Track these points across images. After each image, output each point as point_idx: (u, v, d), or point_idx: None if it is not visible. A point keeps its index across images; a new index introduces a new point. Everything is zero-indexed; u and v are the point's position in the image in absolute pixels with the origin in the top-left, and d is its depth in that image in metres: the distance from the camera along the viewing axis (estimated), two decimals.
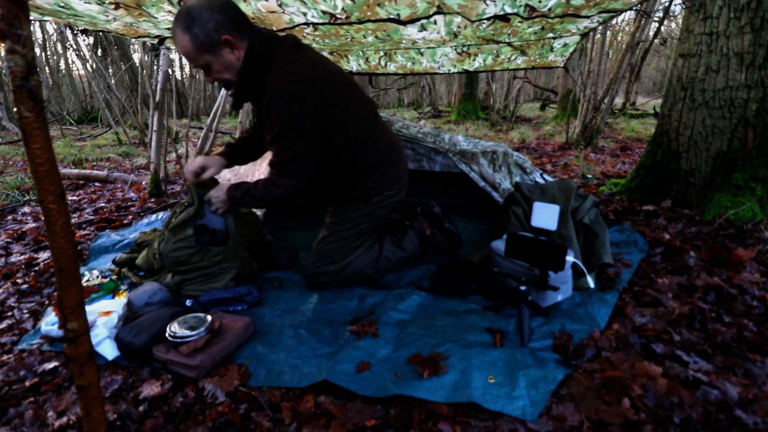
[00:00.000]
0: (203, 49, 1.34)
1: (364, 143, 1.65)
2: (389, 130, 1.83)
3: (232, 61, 1.40)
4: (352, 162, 1.65)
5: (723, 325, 1.40)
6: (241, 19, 1.40)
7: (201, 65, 1.40)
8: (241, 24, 1.39)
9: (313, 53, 1.52)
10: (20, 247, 2.47)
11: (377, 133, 1.71)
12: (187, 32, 1.31)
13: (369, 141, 1.67)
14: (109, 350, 1.39)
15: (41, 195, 0.67)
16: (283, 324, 1.53)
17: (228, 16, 1.35)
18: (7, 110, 9.97)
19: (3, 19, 0.58)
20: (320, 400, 1.16)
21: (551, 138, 6.73)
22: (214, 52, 1.36)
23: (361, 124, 1.62)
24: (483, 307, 1.60)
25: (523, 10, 1.80)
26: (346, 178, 1.68)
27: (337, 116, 1.52)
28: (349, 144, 1.60)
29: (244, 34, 1.40)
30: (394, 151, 1.79)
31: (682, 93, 2.59)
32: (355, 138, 1.61)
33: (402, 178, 1.80)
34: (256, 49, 1.42)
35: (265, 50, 1.43)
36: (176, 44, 1.35)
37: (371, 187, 1.72)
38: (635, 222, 2.41)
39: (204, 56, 1.36)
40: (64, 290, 0.71)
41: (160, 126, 3.60)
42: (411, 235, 1.94)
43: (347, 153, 1.62)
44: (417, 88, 16.05)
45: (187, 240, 1.66)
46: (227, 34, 1.34)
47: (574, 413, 1.06)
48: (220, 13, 1.33)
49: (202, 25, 1.30)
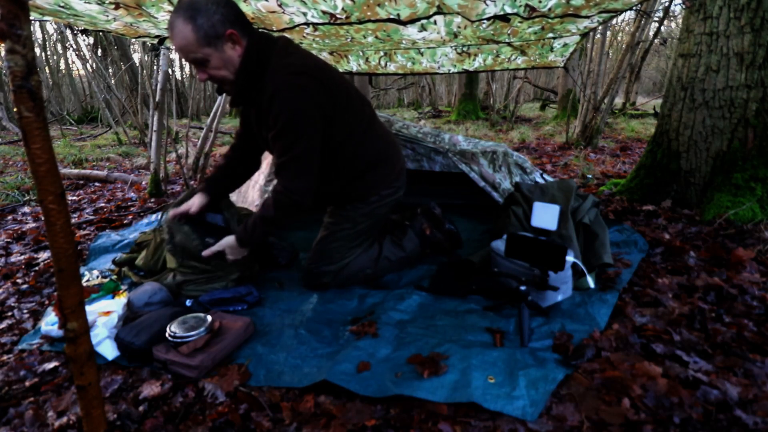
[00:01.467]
0: (205, 41, 1.30)
1: (361, 141, 1.64)
2: (385, 128, 1.83)
3: (232, 57, 1.38)
4: (352, 161, 1.65)
5: (723, 325, 1.40)
6: (243, 16, 1.40)
7: (198, 59, 1.34)
8: (243, 21, 1.38)
9: (304, 50, 1.52)
10: (20, 247, 2.47)
11: (374, 132, 1.71)
12: (191, 22, 1.27)
13: (367, 139, 1.67)
14: (109, 350, 1.39)
15: (41, 195, 0.67)
16: (283, 324, 1.53)
17: (233, 12, 1.34)
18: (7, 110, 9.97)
19: (3, 19, 0.58)
20: (320, 400, 1.16)
21: (551, 138, 6.73)
22: (216, 45, 1.32)
23: (358, 119, 1.62)
24: (483, 307, 1.60)
25: (523, 10, 1.80)
26: (346, 178, 1.68)
27: (337, 109, 1.50)
28: (348, 140, 1.59)
29: (245, 32, 1.39)
30: (391, 150, 1.79)
31: (682, 93, 2.59)
32: (354, 134, 1.60)
33: (399, 177, 1.80)
34: (255, 47, 1.40)
35: (263, 48, 1.42)
36: (173, 35, 1.29)
37: (370, 186, 1.72)
38: (635, 222, 2.41)
39: (204, 49, 1.31)
40: (64, 290, 0.71)
41: (160, 126, 3.60)
42: (411, 235, 1.94)
43: (347, 150, 1.61)
44: (417, 88, 16.06)
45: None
46: (232, 29, 1.33)
47: (574, 413, 1.06)
48: (226, 6, 1.32)
49: (208, 17, 1.27)
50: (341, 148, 1.60)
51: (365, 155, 1.67)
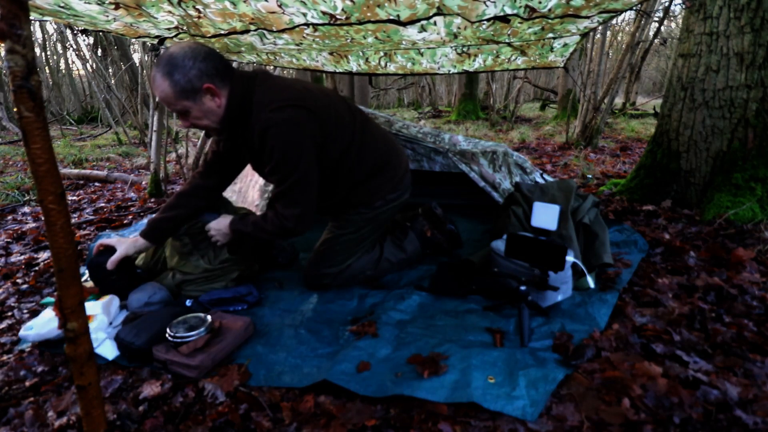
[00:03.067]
0: (183, 96, 1.35)
1: (358, 152, 1.63)
2: (383, 131, 1.81)
3: (212, 108, 1.41)
4: (351, 174, 1.64)
5: (723, 325, 1.40)
6: (224, 66, 1.40)
7: (178, 110, 1.39)
8: (223, 72, 1.39)
9: (282, 80, 1.51)
10: (20, 247, 2.47)
11: (371, 138, 1.69)
12: (168, 78, 1.32)
13: (363, 149, 1.65)
14: (109, 350, 1.39)
15: (41, 195, 0.67)
16: (283, 324, 1.53)
17: (212, 66, 1.36)
18: (7, 110, 9.96)
19: (3, 19, 0.58)
20: (320, 400, 1.16)
21: (551, 138, 6.73)
22: (195, 98, 1.36)
23: (351, 132, 1.61)
24: (483, 307, 1.60)
25: (523, 11, 1.80)
26: (347, 187, 1.67)
27: (328, 129, 1.51)
28: (345, 156, 1.59)
29: (225, 81, 1.40)
30: (392, 153, 1.78)
31: (682, 93, 2.59)
32: (349, 148, 1.60)
33: (403, 180, 1.79)
34: (237, 91, 1.42)
35: (245, 91, 1.43)
36: (154, 88, 1.36)
37: (373, 192, 1.71)
38: (635, 222, 2.41)
39: (182, 102, 1.36)
40: (64, 290, 0.71)
41: (160, 126, 3.60)
42: (412, 236, 1.94)
43: (344, 166, 1.61)
44: (417, 88, 16.06)
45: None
46: (209, 83, 1.36)
47: (574, 413, 1.06)
48: (204, 61, 1.34)
49: (185, 72, 1.32)
50: (338, 165, 1.60)
51: (365, 164, 1.66)
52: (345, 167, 1.61)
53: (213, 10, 1.89)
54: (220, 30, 2.15)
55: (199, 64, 1.33)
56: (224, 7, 1.86)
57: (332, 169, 1.58)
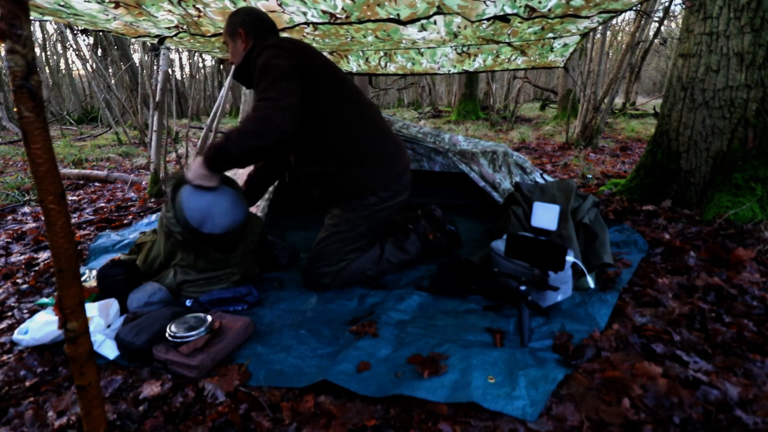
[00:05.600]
0: (228, 33, 1.75)
1: (353, 126, 1.69)
2: (387, 127, 1.83)
3: (239, 50, 1.73)
4: (343, 144, 1.68)
5: (723, 325, 1.40)
6: (262, 26, 1.72)
7: (224, 42, 1.85)
8: (258, 29, 1.71)
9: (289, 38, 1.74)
10: (20, 247, 2.47)
11: (372, 124, 1.75)
12: (229, 17, 1.73)
13: (360, 126, 1.71)
14: (110, 350, 1.39)
15: (41, 195, 0.67)
16: (283, 324, 1.53)
17: (252, 20, 1.71)
18: (7, 110, 9.96)
19: (3, 19, 0.58)
20: (320, 400, 1.16)
21: (551, 138, 6.73)
22: (233, 37, 1.74)
23: (350, 101, 1.71)
24: (483, 307, 1.60)
25: (523, 10, 1.80)
26: (337, 158, 1.68)
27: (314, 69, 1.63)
28: (337, 119, 1.66)
29: (256, 36, 1.71)
30: (392, 147, 1.79)
31: (682, 93, 2.59)
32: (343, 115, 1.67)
33: (400, 180, 1.79)
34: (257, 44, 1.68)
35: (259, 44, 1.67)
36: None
37: (367, 180, 1.71)
38: (635, 222, 2.41)
39: (227, 36, 1.77)
40: (64, 290, 0.71)
41: (160, 126, 3.60)
42: (413, 238, 1.95)
43: (334, 130, 1.66)
44: (417, 88, 16.06)
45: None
46: (242, 29, 1.70)
47: (574, 413, 1.06)
48: (249, 15, 1.72)
49: (237, 17, 1.72)
50: (327, 125, 1.65)
51: (358, 144, 1.69)
52: (334, 132, 1.67)
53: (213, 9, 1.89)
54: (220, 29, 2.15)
55: (245, 17, 1.71)
56: (224, 6, 1.86)
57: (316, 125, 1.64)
